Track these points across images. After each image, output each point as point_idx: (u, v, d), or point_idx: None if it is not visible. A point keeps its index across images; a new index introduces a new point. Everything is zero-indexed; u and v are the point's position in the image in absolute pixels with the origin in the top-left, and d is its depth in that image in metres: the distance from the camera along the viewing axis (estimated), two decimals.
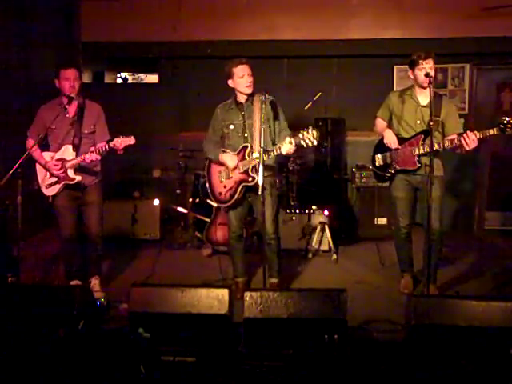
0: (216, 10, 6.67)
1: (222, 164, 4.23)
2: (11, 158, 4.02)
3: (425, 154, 4.01)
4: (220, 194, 4.25)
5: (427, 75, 3.89)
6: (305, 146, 3.73)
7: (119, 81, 8.08)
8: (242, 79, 4.07)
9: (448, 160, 4.53)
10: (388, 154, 4.26)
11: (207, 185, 4.37)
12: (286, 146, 3.82)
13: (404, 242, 4.41)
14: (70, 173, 4.25)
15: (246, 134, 4.15)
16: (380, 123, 4.39)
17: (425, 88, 4.03)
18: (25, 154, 3.87)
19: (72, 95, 4.21)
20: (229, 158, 4.16)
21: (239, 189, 4.14)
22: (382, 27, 6.56)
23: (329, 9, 6.60)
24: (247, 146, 4.11)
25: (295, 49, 6.70)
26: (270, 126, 4.13)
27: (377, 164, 4.38)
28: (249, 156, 4.08)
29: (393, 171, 4.26)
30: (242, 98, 4.19)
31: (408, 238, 4.41)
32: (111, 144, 4.09)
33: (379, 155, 4.35)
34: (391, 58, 6.72)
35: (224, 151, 4.22)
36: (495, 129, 3.71)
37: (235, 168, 4.14)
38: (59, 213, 4.38)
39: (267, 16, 6.63)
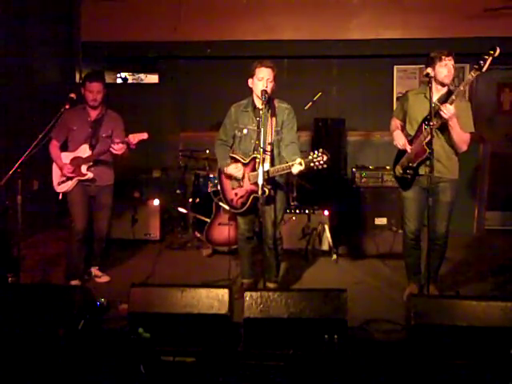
0: (216, 10, 6.68)
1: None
2: (11, 158, 4.02)
3: (430, 141, 3.72)
4: (232, 200, 4.21)
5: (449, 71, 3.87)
6: (315, 168, 3.67)
7: (119, 81, 8.06)
8: (260, 82, 3.94)
9: None
10: (404, 158, 4.13)
11: (219, 188, 4.33)
12: (297, 168, 3.74)
13: (411, 248, 4.25)
14: (83, 169, 4.42)
15: (257, 142, 3.91)
16: (393, 122, 4.29)
17: (445, 85, 3.94)
18: (25, 154, 3.86)
19: (93, 106, 4.48)
20: (234, 170, 4.08)
21: (250, 199, 4.09)
22: (382, 27, 6.56)
23: (329, 9, 6.60)
24: (256, 157, 3.95)
25: (295, 49, 6.69)
26: (280, 138, 4.05)
27: (397, 173, 4.24)
28: (258, 168, 3.90)
29: (411, 171, 4.08)
30: (259, 103, 4.01)
31: (415, 246, 4.23)
32: (125, 139, 4.29)
33: (398, 166, 4.22)
34: (391, 57, 6.71)
35: (232, 157, 4.14)
36: (472, 72, 3.68)
37: (243, 177, 4.09)
38: (73, 205, 4.50)
39: (267, 16, 6.64)
